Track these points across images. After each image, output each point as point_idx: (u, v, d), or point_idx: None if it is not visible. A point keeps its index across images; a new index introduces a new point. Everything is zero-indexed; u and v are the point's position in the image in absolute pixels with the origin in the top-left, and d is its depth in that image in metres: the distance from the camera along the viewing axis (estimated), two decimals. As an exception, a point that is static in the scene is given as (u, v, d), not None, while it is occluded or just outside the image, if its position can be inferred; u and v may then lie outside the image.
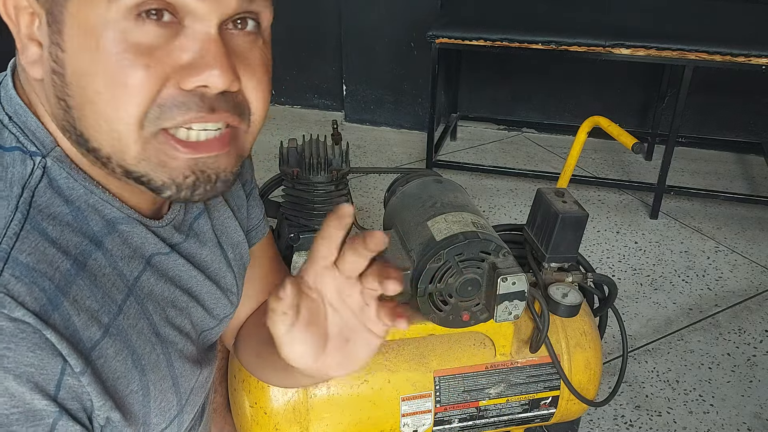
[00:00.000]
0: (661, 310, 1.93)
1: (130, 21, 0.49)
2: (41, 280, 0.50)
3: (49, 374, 0.49)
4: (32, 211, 0.52)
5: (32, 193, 0.53)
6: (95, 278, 0.54)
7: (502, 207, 2.46)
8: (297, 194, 1.03)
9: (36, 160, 0.54)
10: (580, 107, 2.97)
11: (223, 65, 0.51)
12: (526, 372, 1.06)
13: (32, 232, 0.51)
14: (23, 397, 0.48)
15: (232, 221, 0.76)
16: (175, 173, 0.54)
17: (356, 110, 3.15)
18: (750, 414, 1.57)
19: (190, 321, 0.67)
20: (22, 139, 0.55)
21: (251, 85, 0.56)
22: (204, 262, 0.70)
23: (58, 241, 0.53)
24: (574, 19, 2.36)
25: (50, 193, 0.54)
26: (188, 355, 0.66)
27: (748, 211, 2.44)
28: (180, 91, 0.51)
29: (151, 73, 0.50)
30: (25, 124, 0.56)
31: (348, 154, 1.04)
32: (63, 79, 0.52)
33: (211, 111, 0.53)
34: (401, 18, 2.88)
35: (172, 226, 0.65)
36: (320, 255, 0.53)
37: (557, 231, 1.01)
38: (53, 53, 0.52)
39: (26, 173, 0.53)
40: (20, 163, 0.54)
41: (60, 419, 0.50)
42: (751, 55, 2.07)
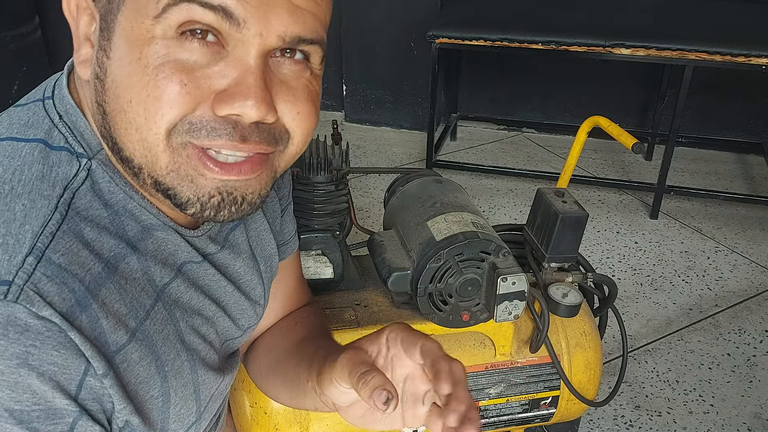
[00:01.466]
0: (661, 310, 1.93)
1: (174, 38, 0.50)
2: (72, 282, 0.50)
3: (72, 374, 0.49)
4: (71, 212, 0.52)
5: (73, 195, 0.53)
6: (126, 281, 0.55)
7: (502, 207, 2.46)
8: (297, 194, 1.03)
9: (82, 162, 0.55)
10: (580, 107, 2.97)
11: (258, 97, 0.51)
12: (526, 372, 1.06)
13: (68, 233, 0.51)
14: (45, 395, 0.48)
15: (267, 234, 0.76)
16: (201, 191, 0.54)
17: (356, 110, 3.15)
18: (750, 414, 1.57)
19: (215, 330, 0.68)
20: (70, 140, 0.56)
21: (291, 115, 0.55)
22: (236, 274, 0.70)
23: (93, 244, 0.53)
24: (574, 19, 2.36)
25: (90, 196, 0.54)
26: (211, 363, 0.67)
27: (748, 211, 2.44)
28: (213, 115, 0.51)
29: (185, 90, 0.50)
30: (74, 124, 0.56)
31: (348, 154, 1.04)
32: (103, 85, 0.53)
33: (243, 140, 0.52)
34: (401, 18, 2.88)
35: (207, 237, 0.65)
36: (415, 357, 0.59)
37: (557, 231, 1.01)
38: (99, 58, 0.53)
39: (70, 174, 0.54)
40: (66, 164, 0.54)
41: (80, 419, 0.50)
42: (751, 55, 2.07)
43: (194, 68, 0.50)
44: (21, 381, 0.47)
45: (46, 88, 0.59)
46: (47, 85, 0.60)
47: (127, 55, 0.51)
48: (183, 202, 0.54)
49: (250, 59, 0.51)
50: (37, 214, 0.51)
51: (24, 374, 0.47)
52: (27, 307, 0.47)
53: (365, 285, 1.08)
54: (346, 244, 1.08)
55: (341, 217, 1.06)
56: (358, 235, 1.17)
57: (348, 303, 1.03)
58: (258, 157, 0.54)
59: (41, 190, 0.52)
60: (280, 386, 0.81)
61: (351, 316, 0.99)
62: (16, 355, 0.47)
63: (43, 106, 0.57)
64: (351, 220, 1.10)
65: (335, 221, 1.05)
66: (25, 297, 0.47)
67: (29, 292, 0.47)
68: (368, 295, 1.05)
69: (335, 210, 1.04)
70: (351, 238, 1.11)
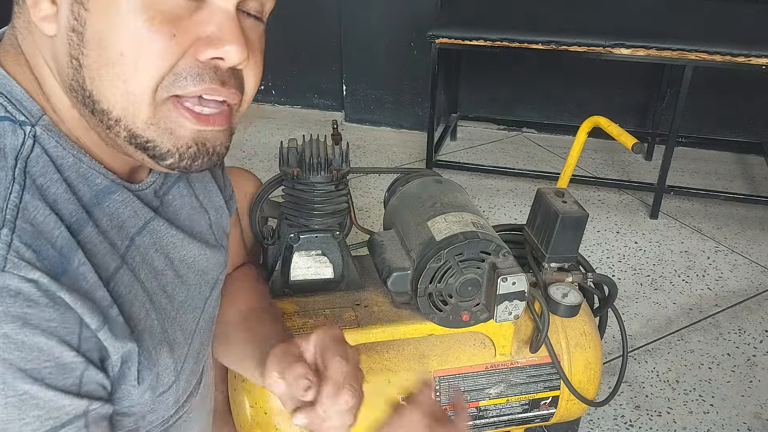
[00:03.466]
0: (661, 310, 1.93)
1: None
2: (46, 248, 0.51)
3: (71, 327, 0.52)
4: (28, 180, 0.53)
5: (25, 163, 0.54)
6: (91, 246, 0.56)
7: (501, 207, 2.46)
8: (297, 194, 1.03)
9: (26, 130, 0.55)
10: (580, 107, 2.97)
11: (240, 42, 0.55)
12: (526, 372, 1.06)
13: (31, 202, 0.52)
14: (52, 351, 0.50)
15: (212, 185, 0.80)
16: (180, 142, 0.57)
17: (356, 110, 3.15)
18: (750, 414, 1.57)
19: (185, 289, 0.70)
20: (9, 109, 0.56)
21: (249, 66, 0.59)
22: (187, 224, 0.72)
23: (55, 210, 0.54)
24: (574, 19, 2.36)
25: (43, 162, 0.55)
26: (181, 323, 0.69)
27: (748, 211, 2.44)
28: (196, 61, 0.54)
29: (176, 42, 0.53)
30: (10, 93, 0.57)
31: (348, 154, 1.04)
32: (82, 38, 0.53)
33: (222, 84, 0.56)
34: (401, 18, 2.88)
35: (152, 191, 0.67)
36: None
37: (557, 231, 1.01)
38: (75, 11, 0.53)
39: (18, 143, 0.54)
40: (11, 134, 0.55)
41: (86, 369, 0.53)
42: (752, 55, 2.07)
43: (180, 18, 0.53)
44: (27, 340, 0.49)
45: None
46: None
47: (113, 7, 0.52)
48: (162, 153, 0.57)
49: (230, 6, 0.55)
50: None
51: (28, 333, 0.49)
52: (15, 273, 0.48)
53: (365, 285, 1.08)
54: (346, 244, 1.08)
55: (341, 217, 1.06)
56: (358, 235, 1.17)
57: (348, 303, 1.03)
58: (227, 110, 0.59)
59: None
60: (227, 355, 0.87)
61: (351, 316, 0.99)
62: (17, 317, 0.48)
63: None
64: (351, 220, 1.10)
65: (335, 221, 1.05)
66: (11, 264, 0.48)
67: (14, 259, 0.49)
68: (368, 295, 1.05)
69: (335, 210, 1.04)
70: (351, 238, 1.11)
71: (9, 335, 0.48)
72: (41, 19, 0.54)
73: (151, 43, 0.52)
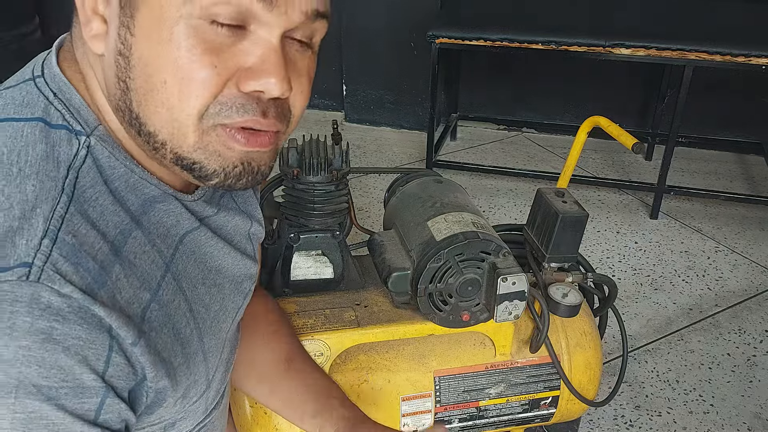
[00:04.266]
0: (661, 310, 1.93)
1: (202, 18, 0.52)
2: (86, 261, 0.51)
3: (98, 349, 0.50)
4: (76, 192, 0.53)
5: (77, 174, 0.54)
6: (135, 256, 0.56)
7: (502, 207, 2.46)
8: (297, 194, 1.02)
9: (81, 140, 0.56)
10: (580, 107, 2.97)
11: (281, 75, 0.55)
12: (526, 372, 1.06)
13: (76, 215, 0.52)
14: (72, 371, 0.49)
15: (253, 198, 0.80)
16: (227, 162, 0.57)
17: (356, 110, 3.15)
18: (750, 414, 1.57)
19: (221, 298, 0.70)
20: (67, 117, 0.56)
21: (296, 93, 0.59)
22: (230, 234, 0.72)
23: (98, 223, 0.54)
24: (574, 19, 2.36)
25: (93, 174, 0.55)
26: (215, 332, 0.69)
27: (748, 211, 2.44)
28: (239, 92, 0.55)
29: (217, 72, 0.53)
30: (69, 101, 0.57)
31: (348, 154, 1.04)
32: (128, 61, 0.53)
33: (264, 116, 0.56)
34: (401, 18, 2.88)
35: (203, 201, 0.67)
36: None
37: (557, 231, 1.01)
38: (122, 35, 0.53)
39: (72, 153, 0.55)
40: (66, 143, 0.55)
41: (108, 397, 0.51)
42: (751, 55, 2.07)
43: (222, 48, 0.53)
44: (48, 357, 0.48)
45: (34, 68, 0.60)
46: (35, 64, 0.60)
47: (156, 34, 0.52)
48: (209, 173, 0.57)
49: (273, 39, 0.55)
50: (47, 196, 0.52)
51: (50, 349, 0.48)
52: (49, 285, 0.48)
53: (365, 285, 1.08)
54: (346, 244, 1.08)
55: (341, 217, 1.06)
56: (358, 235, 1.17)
57: (348, 303, 1.03)
58: (273, 133, 0.59)
59: (47, 170, 0.53)
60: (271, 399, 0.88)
61: (351, 316, 0.99)
62: (41, 330, 0.47)
63: (35, 84, 0.58)
64: (351, 220, 1.10)
65: (335, 221, 1.05)
66: (46, 276, 0.48)
67: (49, 271, 0.49)
68: (368, 295, 1.05)
69: (335, 210, 1.04)
70: (351, 238, 1.11)
71: (30, 348, 0.47)
72: (92, 37, 0.55)
73: (192, 73, 0.52)
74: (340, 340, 0.96)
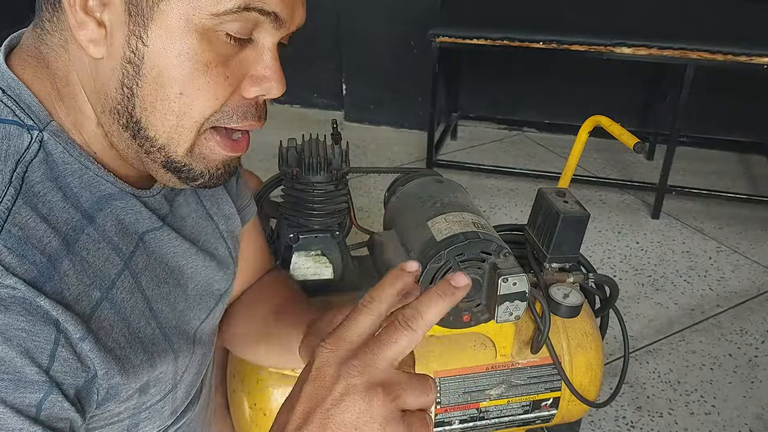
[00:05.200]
0: (662, 310, 1.92)
1: (215, 32, 0.54)
2: (33, 254, 0.50)
3: (42, 342, 0.49)
4: (24, 186, 0.53)
5: (26, 168, 0.53)
6: (87, 253, 0.55)
7: (502, 207, 2.45)
8: (296, 194, 1.02)
9: (33, 134, 0.55)
10: (581, 107, 2.96)
11: (281, 78, 0.58)
12: (527, 373, 1.06)
13: (24, 208, 0.52)
14: (13, 363, 0.47)
15: (222, 193, 0.79)
16: (211, 165, 0.60)
17: (356, 110, 3.15)
18: (752, 415, 1.57)
19: (185, 298, 0.69)
20: (18, 113, 0.55)
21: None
22: (192, 234, 0.72)
23: (48, 218, 0.53)
24: (575, 18, 2.36)
25: (44, 168, 0.55)
26: (183, 331, 0.68)
27: (750, 212, 2.43)
28: (242, 99, 0.57)
29: (228, 83, 0.56)
30: (19, 97, 0.56)
31: (348, 153, 1.04)
32: (138, 70, 0.54)
33: (259, 119, 0.60)
34: (401, 17, 2.88)
35: (162, 196, 0.67)
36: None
37: (558, 231, 1.00)
38: (132, 44, 0.53)
39: (22, 147, 0.54)
40: (17, 137, 0.54)
41: (51, 393, 0.49)
42: (753, 55, 2.06)
43: (229, 59, 0.55)
44: None
45: None
46: None
47: (171, 46, 0.53)
48: (196, 175, 0.60)
49: (272, 46, 0.57)
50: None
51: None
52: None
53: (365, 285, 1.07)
54: (346, 244, 1.08)
55: (341, 217, 1.06)
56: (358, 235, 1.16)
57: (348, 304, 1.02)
58: (248, 135, 0.62)
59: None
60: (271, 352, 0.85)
61: (351, 317, 0.99)
62: None
63: None
64: (351, 220, 1.10)
65: (335, 221, 1.04)
66: None
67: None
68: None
69: (335, 210, 1.03)
70: (351, 238, 1.10)
71: None
72: (88, 41, 0.54)
73: (208, 86, 0.54)
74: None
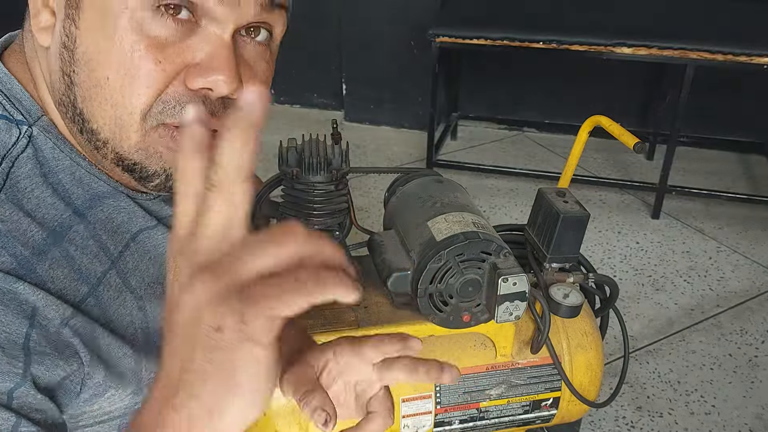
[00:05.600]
0: (662, 310, 1.92)
1: (148, 11, 0.50)
2: (14, 246, 0.50)
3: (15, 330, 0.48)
4: (9, 181, 0.52)
5: (12, 163, 0.52)
6: (75, 248, 0.54)
7: (502, 207, 2.45)
8: (296, 194, 1.02)
9: (22, 129, 0.54)
10: (581, 106, 2.96)
11: (231, 72, 0.52)
12: (527, 373, 1.06)
13: (6, 203, 0.51)
14: None
15: None
16: (168, 164, 0.55)
17: (356, 110, 3.15)
18: (752, 415, 1.57)
19: None
20: (8, 107, 0.54)
21: None
22: None
23: (34, 213, 0.52)
24: (575, 18, 2.35)
25: (32, 164, 0.54)
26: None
27: (750, 212, 2.43)
28: (185, 89, 0.52)
29: (161, 68, 0.51)
30: (10, 91, 0.55)
31: (348, 153, 1.04)
32: (72, 55, 0.52)
33: (212, 115, 0.53)
34: (401, 17, 2.87)
35: (161, 200, 0.65)
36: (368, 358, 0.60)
37: (558, 231, 1.00)
38: (66, 27, 0.52)
39: (10, 142, 0.53)
40: (5, 132, 0.53)
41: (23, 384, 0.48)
42: (753, 55, 2.06)
43: (167, 44, 0.51)
44: None
45: None
46: None
47: (100, 28, 0.50)
48: (149, 174, 0.55)
49: (225, 34, 0.52)
50: None
51: None
52: None
53: (365, 285, 1.07)
54: (346, 244, 1.07)
55: (341, 217, 1.05)
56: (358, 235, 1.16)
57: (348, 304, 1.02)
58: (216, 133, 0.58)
59: None
60: None
61: (351, 317, 0.99)
62: None
63: None
64: (351, 220, 1.10)
65: (335, 221, 1.04)
66: None
67: None
68: (368, 296, 1.04)
69: (335, 210, 1.03)
70: (351, 238, 1.10)
71: None
72: (39, 29, 0.53)
73: (136, 69, 0.50)
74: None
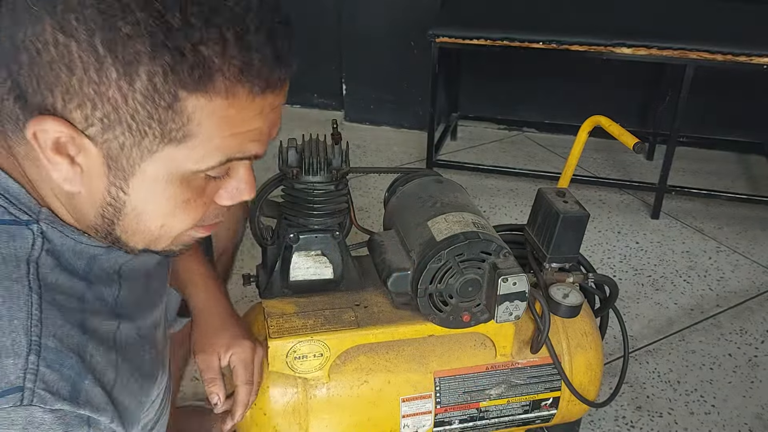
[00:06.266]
0: (662, 310, 1.92)
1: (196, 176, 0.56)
2: (68, 359, 0.54)
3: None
4: (42, 284, 0.54)
5: (36, 265, 0.55)
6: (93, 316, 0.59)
7: (502, 207, 2.45)
8: (296, 194, 1.02)
9: (33, 229, 0.56)
10: (580, 106, 2.95)
11: (253, 186, 0.61)
12: (526, 373, 1.06)
13: (49, 309, 0.54)
14: None
15: None
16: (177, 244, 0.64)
17: (356, 110, 3.14)
18: (751, 415, 1.57)
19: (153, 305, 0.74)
20: (12, 210, 0.56)
21: None
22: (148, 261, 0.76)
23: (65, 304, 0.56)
24: (575, 18, 2.36)
25: (50, 259, 0.57)
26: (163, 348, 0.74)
27: (749, 212, 2.43)
28: (216, 206, 0.61)
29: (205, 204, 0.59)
30: (6, 191, 0.56)
31: (348, 153, 1.04)
32: (119, 210, 0.56)
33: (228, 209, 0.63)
34: (401, 17, 2.87)
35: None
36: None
37: (558, 231, 1.00)
38: (113, 192, 0.55)
39: (28, 246, 0.55)
40: (20, 237, 0.55)
41: None
42: (753, 55, 2.06)
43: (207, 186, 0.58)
44: None
45: None
46: None
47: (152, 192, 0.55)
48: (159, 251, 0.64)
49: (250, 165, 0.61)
50: (19, 303, 0.52)
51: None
52: (41, 406, 0.51)
53: (365, 285, 1.07)
54: (346, 244, 1.08)
55: (341, 217, 1.06)
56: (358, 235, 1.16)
57: (348, 303, 1.02)
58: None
59: (8, 273, 0.53)
60: None
61: (351, 317, 0.99)
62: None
63: None
64: (351, 220, 1.10)
65: (335, 221, 1.04)
66: (38, 398, 0.51)
67: (40, 392, 0.51)
68: (368, 296, 1.04)
69: (335, 210, 1.03)
70: (351, 238, 1.10)
71: None
72: (65, 180, 0.54)
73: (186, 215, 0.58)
74: (339, 341, 0.96)
